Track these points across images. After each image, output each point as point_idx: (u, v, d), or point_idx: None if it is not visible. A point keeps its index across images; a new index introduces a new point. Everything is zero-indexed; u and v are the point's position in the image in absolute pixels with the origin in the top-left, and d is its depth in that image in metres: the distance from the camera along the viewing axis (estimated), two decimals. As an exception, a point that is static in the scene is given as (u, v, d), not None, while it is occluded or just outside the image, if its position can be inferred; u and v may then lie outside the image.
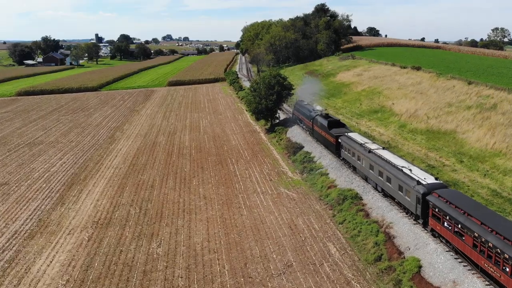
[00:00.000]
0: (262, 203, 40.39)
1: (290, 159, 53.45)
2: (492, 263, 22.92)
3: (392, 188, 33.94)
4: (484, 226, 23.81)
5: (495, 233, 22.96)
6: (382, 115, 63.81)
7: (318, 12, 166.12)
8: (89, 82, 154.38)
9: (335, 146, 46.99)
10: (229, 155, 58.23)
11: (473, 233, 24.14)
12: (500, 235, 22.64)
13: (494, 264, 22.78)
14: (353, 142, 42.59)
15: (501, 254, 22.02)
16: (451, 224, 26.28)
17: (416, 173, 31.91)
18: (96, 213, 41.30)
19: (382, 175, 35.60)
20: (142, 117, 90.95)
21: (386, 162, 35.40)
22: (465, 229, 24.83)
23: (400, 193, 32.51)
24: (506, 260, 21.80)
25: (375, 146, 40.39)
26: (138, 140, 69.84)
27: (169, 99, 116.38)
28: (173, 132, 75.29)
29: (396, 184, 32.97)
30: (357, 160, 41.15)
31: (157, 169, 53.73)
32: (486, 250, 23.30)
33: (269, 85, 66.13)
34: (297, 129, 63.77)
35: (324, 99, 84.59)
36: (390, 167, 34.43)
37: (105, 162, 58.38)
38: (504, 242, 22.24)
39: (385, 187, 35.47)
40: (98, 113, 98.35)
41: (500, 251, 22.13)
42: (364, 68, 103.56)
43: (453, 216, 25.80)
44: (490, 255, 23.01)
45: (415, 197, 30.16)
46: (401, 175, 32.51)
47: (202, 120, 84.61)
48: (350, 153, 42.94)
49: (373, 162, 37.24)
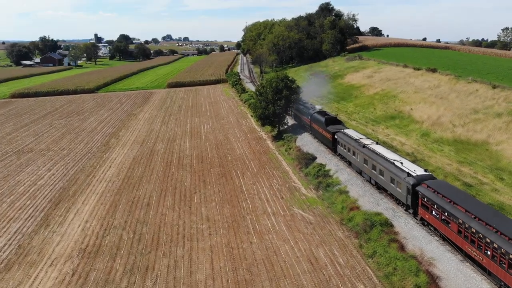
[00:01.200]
0: (274, 227, 35.09)
1: (302, 172, 48.13)
2: (475, 247, 24.51)
3: (384, 180, 35.76)
4: (468, 213, 25.38)
5: (478, 219, 24.53)
6: (400, 121, 58.51)
7: (323, 11, 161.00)
8: (86, 83, 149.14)
9: (332, 142, 49.02)
10: (234, 166, 52.94)
11: (458, 220, 25.76)
12: (482, 221, 24.19)
13: (477, 248, 24.38)
14: (348, 138, 44.48)
15: (483, 238, 23.56)
16: (438, 213, 27.99)
17: (406, 166, 33.73)
18: (84, 238, 36.01)
19: (375, 168, 37.46)
20: (140, 122, 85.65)
21: (379, 156, 37.33)
22: (451, 216, 26.49)
23: (392, 185, 34.27)
24: (487, 244, 23.37)
25: (369, 142, 42.43)
26: (135, 148, 64.53)
27: (169, 101, 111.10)
28: (173, 138, 69.99)
29: (388, 177, 34.74)
30: (352, 155, 42.98)
31: (155, 183, 48.42)
32: (469, 235, 24.85)
33: (276, 89, 60.83)
34: (308, 136, 58.48)
35: (333, 103, 79.32)
36: (382, 161, 36.29)
37: (98, 174, 53.08)
38: (486, 227, 23.75)
39: (378, 180, 37.26)
40: (93, 117, 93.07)
41: (482, 236, 23.67)
42: (374, 70, 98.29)
43: (440, 204, 27.53)
44: (473, 240, 24.58)
45: (406, 188, 31.87)
46: (393, 168, 34.29)
47: (204, 125, 79.34)
48: (345, 148, 44.74)
49: (367, 156, 38.99)
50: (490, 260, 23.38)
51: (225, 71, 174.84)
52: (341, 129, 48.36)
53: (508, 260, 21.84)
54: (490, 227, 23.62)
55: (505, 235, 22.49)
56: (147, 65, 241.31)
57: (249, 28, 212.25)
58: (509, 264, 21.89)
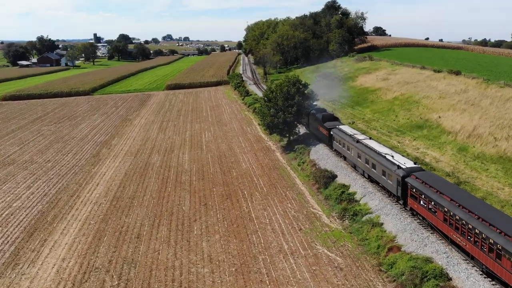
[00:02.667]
0: (294, 273, 28.00)
1: (320, 194, 41.06)
2: (459, 233, 25.61)
3: (376, 173, 36.89)
4: (453, 202, 26.51)
5: (462, 207, 25.60)
6: (429, 132, 51.42)
7: (329, 9, 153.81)
8: (81, 85, 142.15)
9: (328, 138, 49.42)
10: (240, 184, 45.88)
11: (444, 208, 26.81)
12: (465, 209, 25.29)
13: (460, 234, 25.46)
14: (343, 134, 45.41)
15: (466, 225, 24.64)
16: (426, 202, 29.23)
17: (397, 159, 34.90)
18: (58, 285, 28.97)
19: (368, 162, 38.48)
20: (135, 129, 78.61)
21: (371, 150, 38.29)
22: (437, 205, 27.63)
23: (384, 178, 35.38)
24: (470, 230, 24.39)
25: (363, 137, 43.64)
26: (127, 161, 57.49)
27: (167, 105, 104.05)
28: (170, 149, 62.94)
29: (380, 170, 35.93)
30: (347, 150, 43.97)
31: (147, 206, 41.37)
32: (454, 222, 25.94)
33: (287, 95, 53.78)
34: (323, 148, 51.42)
35: (347, 108, 72.23)
36: (374, 155, 37.31)
37: (83, 193, 46.06)
38: (468, 214, 24.81)
39: (371, 173, 38.29)
40: (85, 123, 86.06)
41: (465, 222, 24.73)
42: (388, 71, 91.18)
43: (428, 194, 28.76)
44: (457, 227, 25.64)
45: (396, 180, 32.96)
46: (384, 161, 35.37)
47: (205, 133, 72.30)
48: (341, 144, 45.73)
49: (360, 151, 40.02)
50: (473, 246, 24.46)
51: (227, 72, 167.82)
52: (337, 125, 49.29)
53: (489, 245, 22.83)
54: (473, 214, 24.69)
55: (486, 221, 23.52)
56: (146, 65, 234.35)
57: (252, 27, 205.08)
58: (489, 248, 22.89)
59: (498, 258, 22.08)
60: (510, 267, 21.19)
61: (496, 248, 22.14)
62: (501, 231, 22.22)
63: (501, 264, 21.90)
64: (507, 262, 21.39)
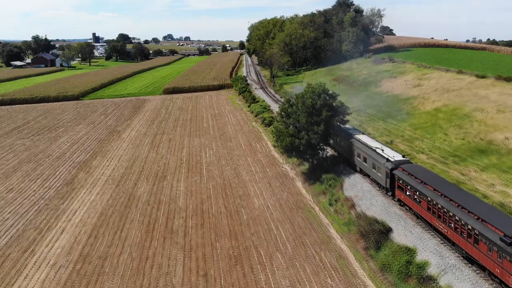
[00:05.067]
0: None
1: (372, 259, 28.73)
2: (441, 221, 27.12)
3: (367, 167, 38.36)
4: (436, 191, 28.20)
5: (443, 196, 27.36)
6: (499, 160, 39.00)
7: (341, 6, 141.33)
8: (71, 88, 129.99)
9: None
10: (253, 236, 33.61)
11: (427, 197, 28.53)
12: (447, 197, 27.01)
13: (442, 221, 26.99)
14: (338, 131, 44.81)
15: (447, 212, 26.27)
16: (411, 192, 31.05)
17: (387, 153, 36.74)
18: None
19: (360, 156, 39.73)
20: (123, 144, 66.37)
21: (363, 145, 39.59)
22: (422, 195, 29.31)
23: (374, 171, 37.08)
24: (450, 217, 25.97)
25: (356, 132, 43.70)
26: (107, 192, 45.26)
27: (163, 113, 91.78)
28: (162, 174, 50.71)
29: (371, 163, 37.53)
30: (341, 144, 44.43)
31: (123, 275, 29.05)
32: (436, 211, 27.53)
33: (312, 109, 41.47)
34: (361, 180, 39.13)
35: (377, 121, 59.86)
36: (366, 149, 38.79)
37: (40, 247, 33.85)
38: (450, 203, 26.47)
39: (362, 167, 39.48)
40: (67, 136, 73.89)
41: (446, 210, 26.39)
42: (417, 76, 78.87)
43: (413, 185, 30.64)
44: (440, 215, 27.20)
45: (385, 172, 34.80)
46: (374, 155, 37.05)
47: (205, 150, 60.09)
48: (335, 141, 46.04)
49: (353, 146, 41.04)
50: (453, 232, 25.75)
51: (230, 74, 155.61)
52: None
53: (467, 231, 24.02)
54: (454, 202, 26.16)
55: (465, 209, 24.90)
56: (144, 66, 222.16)
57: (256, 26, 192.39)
58: (468, 234, 24.04)
59: (476, 243, 23.30)
60: (486, 251, 22.42)
61: (474, 234, 23.33)
62: (479, 217, 23.55)
63: (478, 248, 22.99)
64: (483, 246, 22.57)
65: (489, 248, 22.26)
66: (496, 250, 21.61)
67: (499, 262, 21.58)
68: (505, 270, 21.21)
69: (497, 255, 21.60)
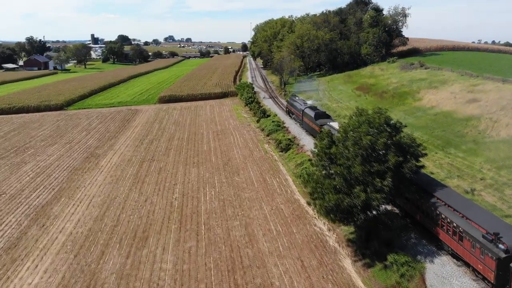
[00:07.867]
0: None
1: None
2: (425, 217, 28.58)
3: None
4: None
5: None
6: None
7: (358, 5, 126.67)
8: (55, 96, 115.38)
9: (319, 133, 43.51)
10: None
11: None
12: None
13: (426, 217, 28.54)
14: (332, 129, 43.53)
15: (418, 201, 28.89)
16: None
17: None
18: None
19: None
20: (99, 177, 51.61)
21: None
22: None
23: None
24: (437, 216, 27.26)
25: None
26: (59, 270, 30.46)
27: (156, 129, 77.09)
28: (143, 233, 35.91)
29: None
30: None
31: None
32: None
33: (372, 150, 26.62)
34: (457, 272, 24.37)
35: (435, 151, 44.74)
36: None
37: None
38: None
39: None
40: (34, 161, 59.27)
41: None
42: (465, 87, 63.94)
43: None
44: None
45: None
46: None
47: (205, 190, 45.34)
48: None
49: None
50: (440, 229, 26.75)
51: (233, 79, 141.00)
52: (328, 122, 52.32)
53: (453, 228, 24.82)
54: (440, 200, 27.51)
55: (451, 207, 26.04)
56: (141, 69, 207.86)
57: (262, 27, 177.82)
58: (453, 231, 24.86)
59: (461, 240, 24.41)
60: (470, 248, 23.74)
61: (458, 231, 24.42)
62: (463, 215, 24.85)
63: (462, 245, 24.12)
64: (467, 243, 23.86)
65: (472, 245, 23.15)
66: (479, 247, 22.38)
67: None
68: None
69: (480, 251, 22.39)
